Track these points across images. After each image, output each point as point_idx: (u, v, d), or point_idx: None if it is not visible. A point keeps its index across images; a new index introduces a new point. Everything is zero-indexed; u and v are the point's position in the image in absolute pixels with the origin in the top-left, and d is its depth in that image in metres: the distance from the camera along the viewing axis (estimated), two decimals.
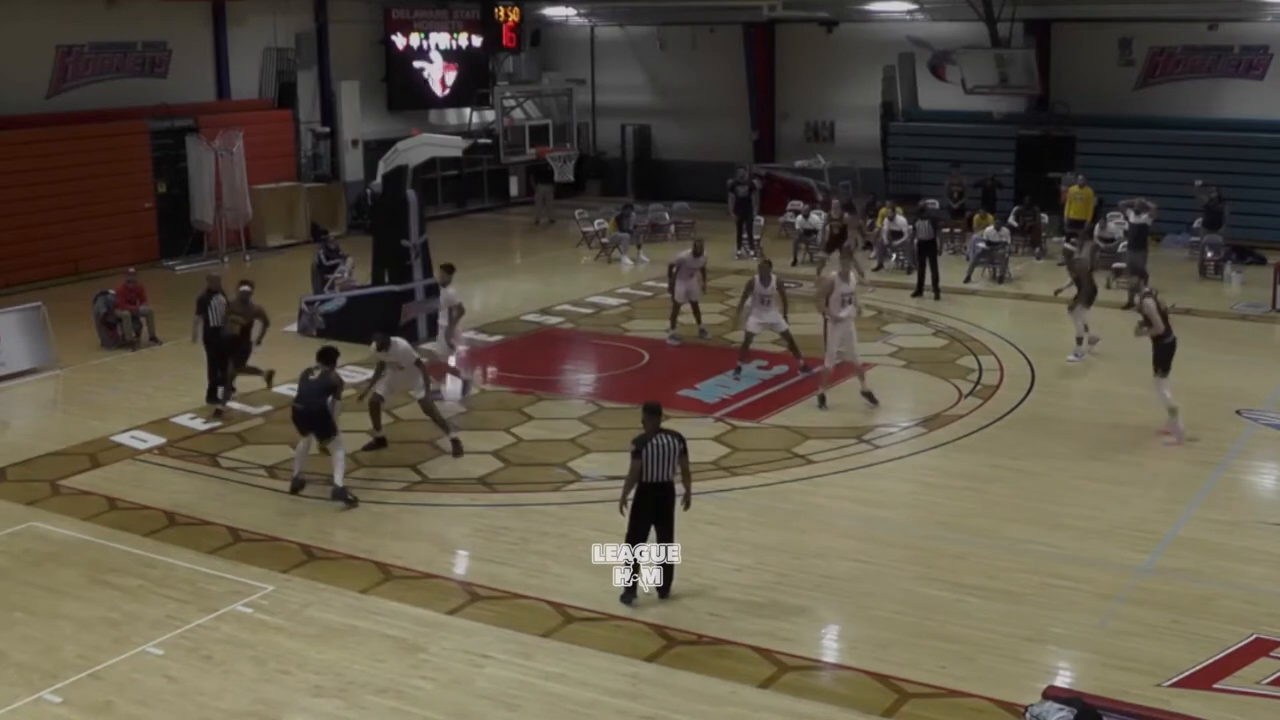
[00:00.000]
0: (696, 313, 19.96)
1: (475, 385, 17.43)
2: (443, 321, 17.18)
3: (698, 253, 19.68)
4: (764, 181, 29.42)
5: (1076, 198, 25.48)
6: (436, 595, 11.00)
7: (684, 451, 10.61)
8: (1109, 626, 10.29)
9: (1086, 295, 18.41)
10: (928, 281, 22.73)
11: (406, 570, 11.50)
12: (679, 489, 10.68)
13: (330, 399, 13.24)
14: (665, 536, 10.63)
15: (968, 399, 16.54)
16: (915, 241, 23.36)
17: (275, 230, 28.24)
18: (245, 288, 16.48)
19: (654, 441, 10.52)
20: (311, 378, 13.32)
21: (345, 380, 14.32)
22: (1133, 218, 22.77)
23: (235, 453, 14.81)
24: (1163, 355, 14.77)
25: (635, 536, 10.61)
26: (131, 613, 10.65)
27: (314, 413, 13.24)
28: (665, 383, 17.41)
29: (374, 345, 14.43)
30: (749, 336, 17.68)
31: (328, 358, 13.44)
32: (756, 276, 17.68)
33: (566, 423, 15.73)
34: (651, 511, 10.58)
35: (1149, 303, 14.97)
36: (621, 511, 10.66)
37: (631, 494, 10.62)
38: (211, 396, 16.71)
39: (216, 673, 9.68)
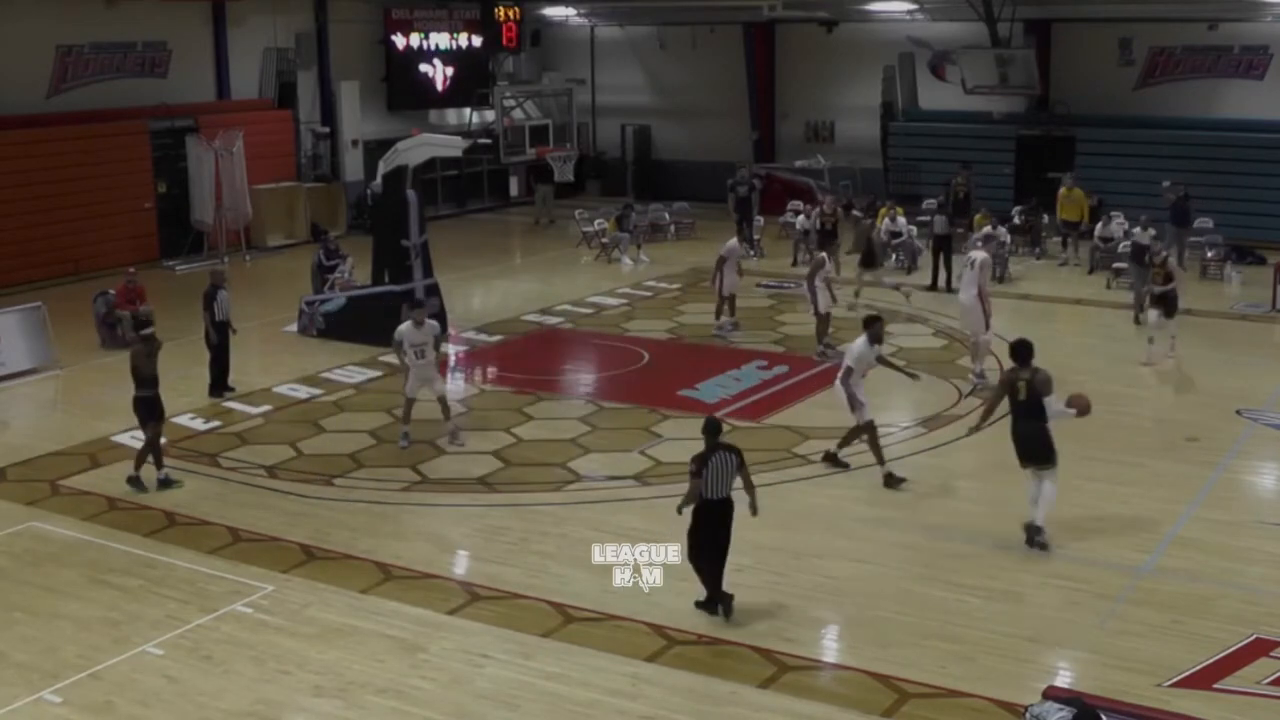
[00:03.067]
0: (730, 306, 20.16)
1: None
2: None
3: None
4: (764, 181, 29.42)
5: (1066, 199, 25.43)
6: (436, 595, 10.99)
7: (742, 464, 10.49)
8: (1109, 626, 10.27)
9: (866, 257, 21.50)
10: (941, 279, 22.81)
11: (406, 570, 11.49)
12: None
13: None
14: (724, 550, 10.49)
15: (968, 399, 16.51)
16: (931, 236, 23.40)
17: (275, 230, 28.23)
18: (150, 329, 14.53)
19: (714, 459, 10.37)
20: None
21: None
22: (1136, 234, 22.65)
23: (235, 453, 14.80)
24: (1176, 303, 18.06)
25: (697, 551, 10.47)
26: (131, 613, 10.65)
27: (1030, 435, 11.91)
28: (665, 383, 17.42)
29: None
30: (828, 318, 18.61)
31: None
32: (824, 254, 18.77)
33: (566, 423, 15.72)
34: (713, 526, 10.45)
35: (1174, 261, 18.08)
36: (679, 512, 10.48)
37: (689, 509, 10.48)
38: (214, 390, 16.75)
39: (216, 673, 9.67)
